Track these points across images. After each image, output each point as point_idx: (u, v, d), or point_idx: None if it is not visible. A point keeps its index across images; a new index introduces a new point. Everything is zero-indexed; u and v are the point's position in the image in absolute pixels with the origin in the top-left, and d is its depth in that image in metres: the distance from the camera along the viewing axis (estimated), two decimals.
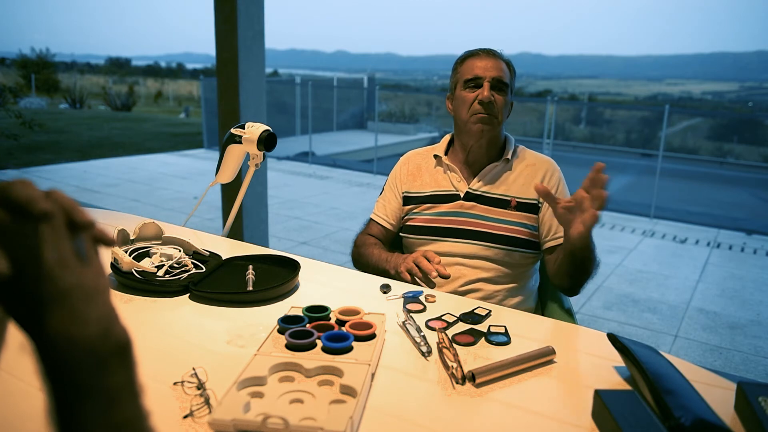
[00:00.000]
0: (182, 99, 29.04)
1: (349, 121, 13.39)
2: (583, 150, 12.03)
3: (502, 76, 1.44)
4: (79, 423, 0.36)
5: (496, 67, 1.44)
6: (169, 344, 1.00)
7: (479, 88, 1.43)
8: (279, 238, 4.78)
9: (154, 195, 6.34)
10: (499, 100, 1.44)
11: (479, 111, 1.43)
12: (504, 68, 1.46)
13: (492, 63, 1.45)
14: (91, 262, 0.39)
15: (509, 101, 1.48)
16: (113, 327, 0.39)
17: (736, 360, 2.99)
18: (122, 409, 0.38)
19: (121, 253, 1.24)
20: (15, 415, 0.77)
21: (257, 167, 1.58)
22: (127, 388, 0.39)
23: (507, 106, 1.47)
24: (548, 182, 1.48)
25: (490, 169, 1.49)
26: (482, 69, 1.44)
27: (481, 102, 1.42)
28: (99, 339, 0.37)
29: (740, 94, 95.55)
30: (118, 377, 0.38)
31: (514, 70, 1.50)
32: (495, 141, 1.50)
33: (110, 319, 0.39)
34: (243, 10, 3.29)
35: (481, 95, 1.42)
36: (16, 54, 31.79)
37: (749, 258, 4.78)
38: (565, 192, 1.50)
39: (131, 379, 0.39)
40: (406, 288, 1.28)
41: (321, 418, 0.74)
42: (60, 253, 0.37)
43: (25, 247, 0.36)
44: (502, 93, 1.44)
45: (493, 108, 1.43)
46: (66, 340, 0.36)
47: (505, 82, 1.44)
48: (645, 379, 0.83)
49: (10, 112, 6.66)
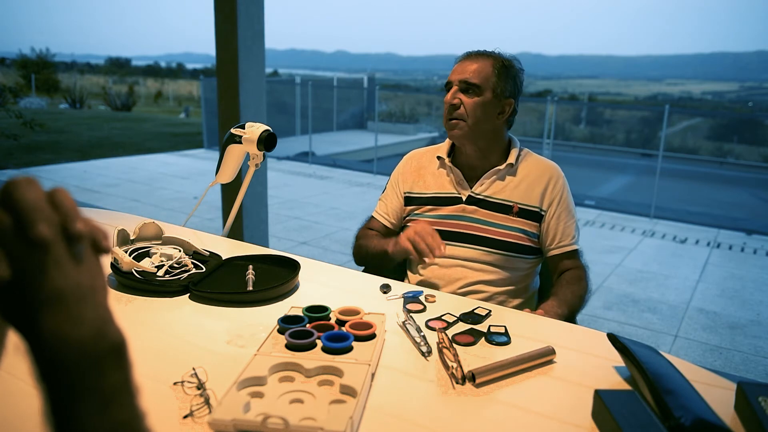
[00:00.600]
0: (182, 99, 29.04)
1: (349, 121, 13.39)
2: (583, 150, 12.03)
3: (471, 77, 1.39)
4: (75, 424, 0.36)
5: (468, 70, 1.40)
6: (169, 344, 1.00)
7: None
8: (279, 238, 4.78)
9: (154, 195, 6.34)
10: (468, 102, 1.40)
11: (446, 116, 1.43)
12: (481, 68, 1.40)
13: (467, 65, 1.41)
14: (86, 262, 0.39)
15: (490, 101, 1.40)
16: (108, 327, 0.38)
17: (736, 360, 2.99)
18: (118, 410, 0.38)
19: (121, 253, 1.24)
20: (15, 415, 0.77)
21: (257, 167, 1.58)
22: (123, 388, 0.39)
23: (481, 108, 1.40)
24: (552, 189, 1.45)
25: (492, 174, 1.47)
26: (456, 73, 1.42)
27: (447, 107, 1.42)
28: (93, 339, 0.37)
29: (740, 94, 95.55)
30: (113, 378, 0.38)
31: (506, 67, 1.42)
32: (492, 145, 1.47)
33: (105, 320, 0.38)
34: (243, 10, 3.29)
35: (445, 99, 1.43)
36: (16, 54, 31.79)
37: (749, 258, 4.78)
38: (570, 198, 1.48)
39: (127, 379, 0.39)
40: (406, 288, 1.28)
41: (321, 418, 0.74)
42: (55, 253, 0.37)
43: (22, 248, 0.36)
44: (470, 94, 1.40)
45: (456, 110, 1.41)
46: (60, 341, 0.36)
47: (473, 83, 1.39)
48: (645, 379, 0.83)
49: (10, 112, 6.66)
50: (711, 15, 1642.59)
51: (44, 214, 0.37)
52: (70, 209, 0.38)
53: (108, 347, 0.38)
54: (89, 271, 0.39)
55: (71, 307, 0.37)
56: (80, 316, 0.37)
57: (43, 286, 0.36)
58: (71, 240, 0.38)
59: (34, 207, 0.36)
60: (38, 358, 0.36)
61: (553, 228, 1.44)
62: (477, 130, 1.42)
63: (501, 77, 1.42)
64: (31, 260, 0.36)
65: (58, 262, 0.37)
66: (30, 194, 0.37)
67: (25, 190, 0.37)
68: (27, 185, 0.37)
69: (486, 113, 1.42)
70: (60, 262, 0.37)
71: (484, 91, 1.40)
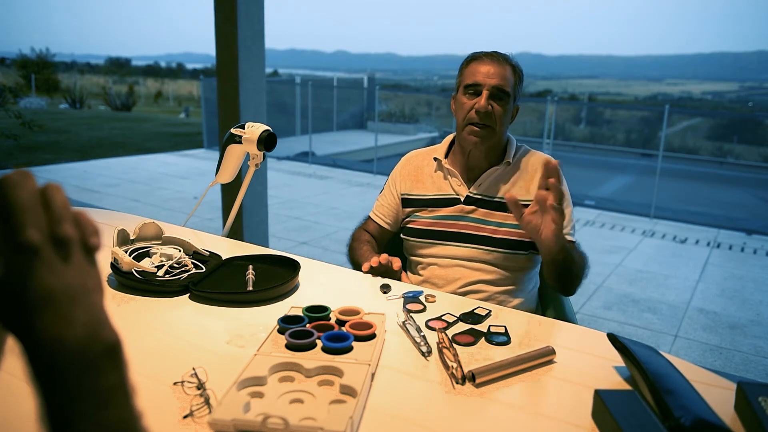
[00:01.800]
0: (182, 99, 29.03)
1: (349, 121, 13.39)
2: (583, 150, 12.04)
3: (504, 84, 1.39)
4: (70, 425, 0.36)
5: (498, 75, 1.39)
6: (169, 344, 1.00)
7: (478, 95, 1.39)
8: (279, 238, 4.78)
9: (154, 195, 6.34)
10: (498, 110, 1.39)
11: (474, 120, 1.40)
12: (508, 75, 1.40)
13: (495, 69, 1.40)
14: (76, 263, 0.38)
15: (511, 108, 1.43)
16: (101, 328, 0.38)
17: (736, 360, 2.99)
18: (114, 410, 0.38)
19: (121, 253, 1.24)
20: (15, 415, 0.77)
21: (257, 167, 1.58)
22: (119, 389, 0.39)
23: (507, 114, 1.42)
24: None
25: (490, 173, 1.47)
26: (483, 75, 1.39)
27: (478, 111, 1.39)
28: (87, 340, 0.37)
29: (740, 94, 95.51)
30: (108, 378, 0.38)
31: (521, 74, 1.45)
32: (496, 146, 1.47)
33: (98, 321, 0.38)
34: (243, 10, 3.29)
35: (478, 104, 1.39)
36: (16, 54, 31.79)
37: (749, 258, 4.78)
38: (566, 191, 1.47)
39: (122, 380, 0.39)
40: (406, 288, 1.28)
41: (321, 418, 0.74)
42: (44, 255, 0.37)
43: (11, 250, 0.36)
44: (501, 102, 1.40)
45: (489, 118, 1.39)
46: (53, 342, 0.36)
47: (506, 91, 1.39)
48: (645, 379, 0.83)
49: (10, 112, 6.66)
50: (711, 15, 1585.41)
51: (33, 217, 0.37)
52: (60, 208, 0.38)
53: (102, 348, 0.38)
54: (80, 272, 0.38)
55: (63, 308, 0.36)
56: (73, 317, 0.37)
57: (33, 287, 0.36)
58: (60, 242, 0.38)
59: (24, 208, 0.36)
60: (32, 360, 0.36)
61: None
62: (497, 137, 1.43)
63: (519, 84, 1.44)
64: (21, 262, 0.36)
65: (48, 263, 0.37)
66: (21, 194, 0.36)
67: (16, 189, 0.36)
68: (20, 182, 0.37)
69: (507, 121, 1.44)
70: (49, 263, 0.37)
71: (510, 99, 1.41)
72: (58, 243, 0.37)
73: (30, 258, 0.36)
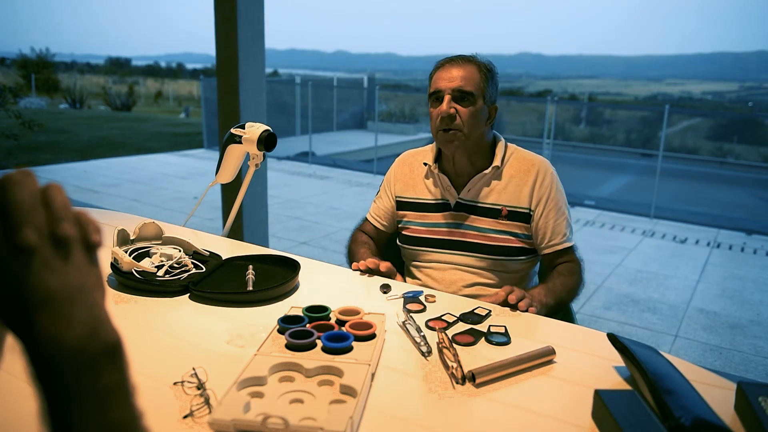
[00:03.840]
0: (182, 99, 29.03)
1: (349, 121, 13.39)
2: (583, 150, 12.03)
3: (464, 85, 1.35)
4: (71, 424, 0.36)
5: (458, 77, 1.35)
6: (169, 344, 1.00)
7: (441, 102, 1.38)
8: (279, 238, 4.78)
9: (154, 195, 6.34)
10: (463, 111, 1.36)
11: (441, 127, 1.38)
12: (470, 75, 1.36)
13: (455, 72, 1.36)
14: (75, 263, 0.38)
15: (482, 108, 1.39)
16: (101, 327, 0.38)
17: (736, 360, 2.99)
18: (114, 410, 0.38)
19: (121, 253, 1.24)
20: (15, 415, 0.77)
21: (257, 167, 1.58)
22: (119, 388, 0.38)
23: (478, 115, 1.38)
24: (540, 187, 1.42)
25: (479, 179, 1.44)
26: (444, 81, 1.37)
27: (442, 117, 1.36)
28: (87, 340, 0.37)
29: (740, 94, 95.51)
30: (108, 378, 0.38)
31: (489, 72, 1.40)
32: (477, 149, 1.44)
33: (99, 320, 0.38)
34: (243, 10, 3.29)
35: (440, 110, 1.37)
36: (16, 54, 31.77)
37: (749, 258, 4.78)
38: (560, 193, 1.45)
39: (123, 379, 0.39)
40: (406, 288, 1.28)
41: (321, 418, 0.74)
42: (42, 255, 0.37)
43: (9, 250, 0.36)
44: (465, 102, 1.36)
45: (453, 122, 1.36)
46: (53, 342, 0.36)
47: (467, 91, 1.35)
48: (645, 379, 0.83)
49: (10, 112, 6.65)
50: (711, 15, 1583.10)
51: (31, 217, 0.36)
52: (61, 208, 0.38)
53: (102, 347, 0.38)
54: (80, 271, 0.38)
55: (62, 307, 0.36)
56: (72, 316, 0.37)
57: (32, 287, 0.36)
58: (59, 242, 0.38)
59: (22, 209, 0.36)
60: (33, 359, 0.36)
61: (543, 227, 1.42)
62: (472, 139, 1.39)
63: (488, 83, 1.39)
64: (19, 262, 0.36)
65: (47, 263, 0.37)
66: (20, 194, 0.36)
67: (17, 188, 0.36)
68: (21, 182, 0.37)
69: (479, 121, 1.39)
70: (49, 263, 0.37)
71: (477, 98, 1.37)
72: (58, 242, 0.37)
73: (28, 257, 0.36)
